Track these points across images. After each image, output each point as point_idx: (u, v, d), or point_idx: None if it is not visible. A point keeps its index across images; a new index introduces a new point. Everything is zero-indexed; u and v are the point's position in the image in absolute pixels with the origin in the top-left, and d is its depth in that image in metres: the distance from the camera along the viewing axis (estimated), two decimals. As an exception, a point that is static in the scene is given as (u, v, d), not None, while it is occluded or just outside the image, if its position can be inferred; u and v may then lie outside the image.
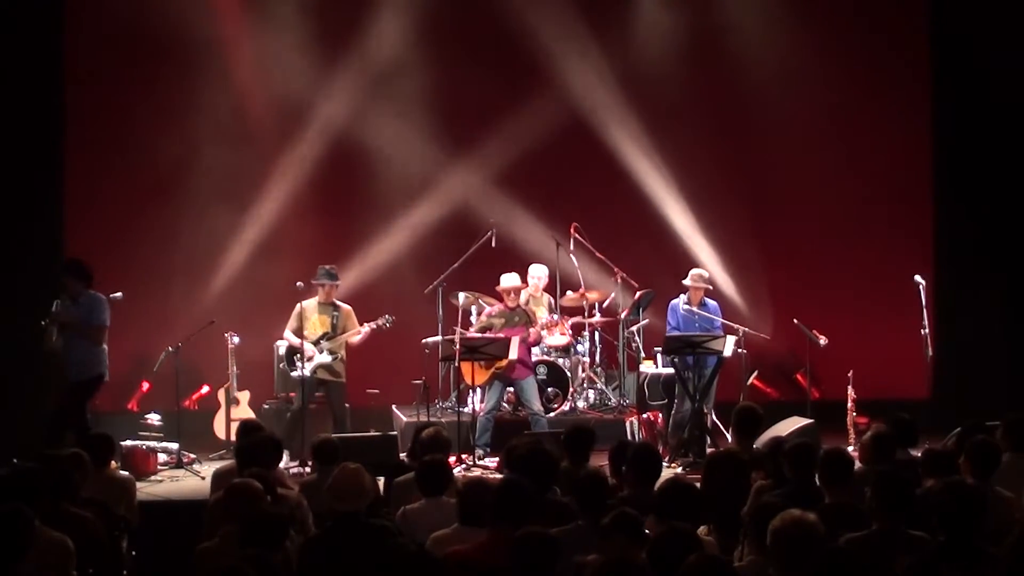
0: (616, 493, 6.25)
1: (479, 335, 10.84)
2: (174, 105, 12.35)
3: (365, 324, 10.69)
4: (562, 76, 12.74)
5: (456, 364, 11.01)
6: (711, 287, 11.26)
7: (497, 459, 10.14)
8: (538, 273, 11.72)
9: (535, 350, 11.43)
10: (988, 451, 6.29)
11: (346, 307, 10.81)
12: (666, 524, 5.06)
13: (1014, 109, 12.72)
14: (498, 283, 11.05)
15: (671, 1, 12.96)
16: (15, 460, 7.56)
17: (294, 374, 10.63)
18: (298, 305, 10.69)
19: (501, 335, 10.76)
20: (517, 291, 10.99)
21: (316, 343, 10.55)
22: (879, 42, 13.16)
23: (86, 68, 12.45)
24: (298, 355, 10.58)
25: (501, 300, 11.10)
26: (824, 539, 4.65)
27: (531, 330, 10.86)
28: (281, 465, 8.65)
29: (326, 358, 10.60)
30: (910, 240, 13.05)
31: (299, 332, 10.60)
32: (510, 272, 11.11)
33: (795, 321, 11.25)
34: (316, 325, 10.61)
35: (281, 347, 11.08)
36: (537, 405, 10.82)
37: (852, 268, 13.02)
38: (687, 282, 10.97)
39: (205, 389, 11.91)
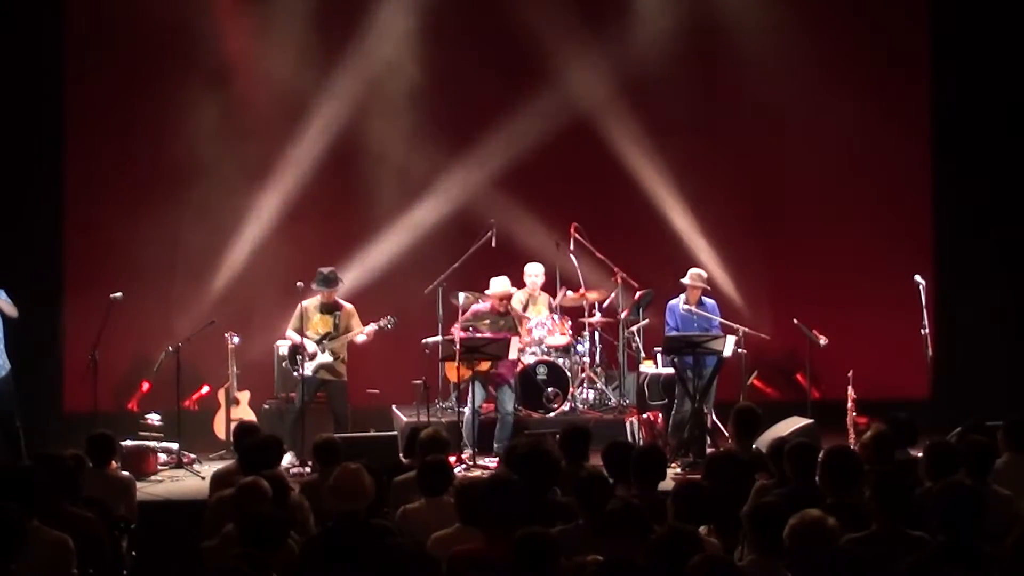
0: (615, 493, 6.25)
1: (478, 335, 10.85)
2: (174, 105, 12.34)
3: (370, 324, 10.73)
4: (562, 76, 12.73)
5: (457, 364, 11.05)
6: (708, 287, 11.24)
7: (497, 459, 10.20)
8: (535, 271, 11.72)
9: (535, 349, 11.45)
10: (983, 451, 6.30)
11: (348, 306, 10.84)
12: (669, 524, 5.07)
13: (1015, 108, 12.72)
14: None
15: (671, 1, 12.95)
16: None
17: (296, 373, 10.67)
18: (300, 305, 10.74)
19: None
20: (509, 298, 11.03)
21: (319, 342, 10.57)
22: (879, 41, 13.16)
23: (86, 68, 12.44)
24: (300, 354, 10.61)
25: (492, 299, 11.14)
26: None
27: (516, 340, 10.88)
28: (281, 465, 8.67)
29: (328, 358, 10.63)
30: (910, 240, 13.04)
31: (300, 332, 10.65)
32: (500, 276, 11.13)
33: (795, 321, 11.25)
34: (318, 325, 10.65)
35: (283, 347, 11.10)
36: (509, 407, 10.88)
37: (852, 268, 13.01)
38: (685, 281, 10.98)
39: (205, 389, 11.90)
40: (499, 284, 11.06)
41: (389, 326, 10.76)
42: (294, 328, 10.74)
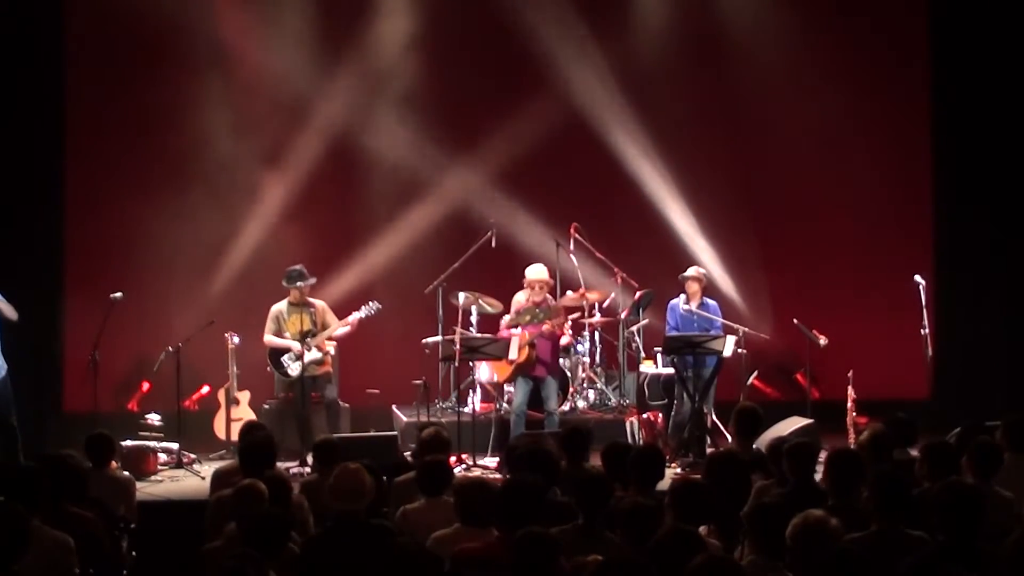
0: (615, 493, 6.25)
1: (479, 335, 10.85)
2: (175, 105, 12.36)
3: (353, 313, 10.76)
4: (562, 76, 12.71)
5: (456, 364, 11.03)
6: (704, 281, 11.16)
7: (497, 459, 10.20)
8: (543, 274, 11.66)
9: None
10: (990, 452, 6.29)
11: (320, 303, 10.87)
12: (671, 525, 5.08)
13: (1015, 109, 12.71)
14: (499, 283, 11.09)
15: (671, 1, 12.95)
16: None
17: (284, 375, 10.74)
18: (272, 308, 10.79)
19: (528, 332, 10.74)
20: (542, 285, 10.92)
21: (301, 341, 10.60)
22: (879, 42, 13.15)
23: (86, 67, 12.44)
24: (286, 355, 10.65)
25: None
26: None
27: (544, 327, 10.79)
28: (281, 465, 8.67)
29: (316, 354, 10.66)
30: (910, 240, 13.04)
31: (278, 335, 10.73)
32: (536, 264, 11.08)
33: (795, 321, 11.25)
34: (296, 325, 10.68)
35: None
36: (553, 404, 10.81)
37: (852, 268, 13.01)
38: (685, 275, 10.97)
39: (205, 389, 11.90)
40: (532, 271, 10.96)
41: (373, 311, 10.76)
42: (272, 332, 10.79)
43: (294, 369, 10.67)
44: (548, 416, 10.77)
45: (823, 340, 11.00)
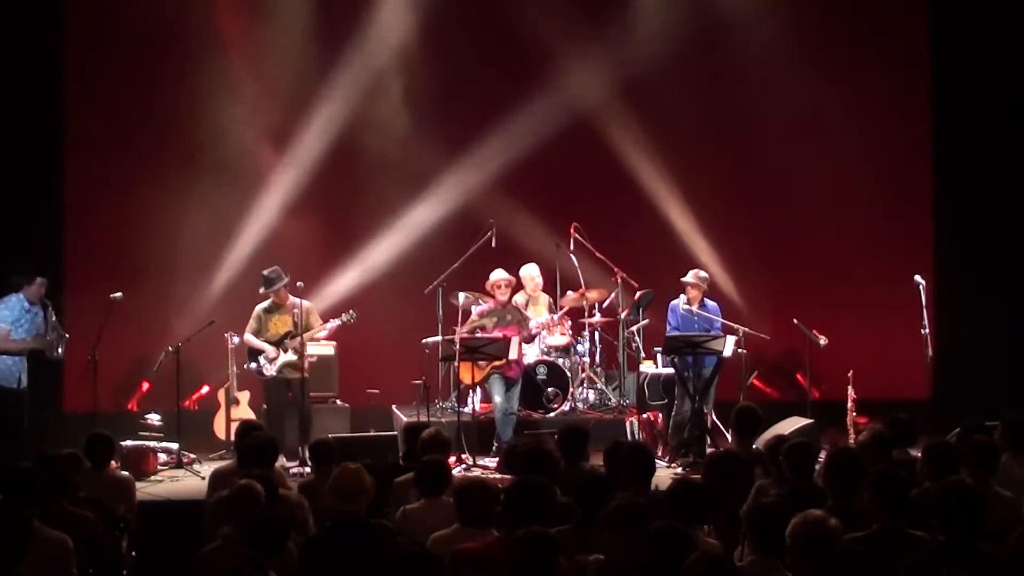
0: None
1: (478, 335, 10.84)
2: (174, 104, 12.37)
3: (331, 320, 10.74)
4: (563, 76, 12.73)
5: (456, 364, 11.05)
6: (704, 287, 11.16)
7: (496, 459, 10.19)
8: (534, 273, 11.69)
9: (535, 349, 11.44)
10: (986, 451, 6.29)
11: (306, 304, 10.83)
12: (662, 523, 5.07)
13: (1015, 109, 12.71)
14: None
15: (671, 1, 12.95)
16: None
17: (259, 374, 10.74)
18: (256, 308, 10.80)
19: (496, 334, 10.78)
20: (508, 283, 10.99)
21: (280, 342, 10.59)
22: (879, 41, 13.16)
23: (86, 68, 12.44)
24: (261, 356, 10.66)
25: (492, 297, 11.10)
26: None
27: (523, 332, 10.84)
28: (279, 465, 8.67)
29: (291, 356, 10.64)
30: (910, 240, 13.05)
31: (258, 335, 10.73)
32: (499, 268, 11.12)
33: (795, 321, 11.24)
34: (277, 326, 10.70)
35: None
36: (515, 406, 10.84)
37: (852, 268, 13.01)
38: (685, 279, 10.97)
39: (205, 389, 11.91)
40: (496, 273, 11.04)
41: (351, 320, 10.75)
42: (251, 331, 10.80)
43: (268, 370, 10.68)
44: (510, 414, 10.78)
45: (823, 340, 11.00)
